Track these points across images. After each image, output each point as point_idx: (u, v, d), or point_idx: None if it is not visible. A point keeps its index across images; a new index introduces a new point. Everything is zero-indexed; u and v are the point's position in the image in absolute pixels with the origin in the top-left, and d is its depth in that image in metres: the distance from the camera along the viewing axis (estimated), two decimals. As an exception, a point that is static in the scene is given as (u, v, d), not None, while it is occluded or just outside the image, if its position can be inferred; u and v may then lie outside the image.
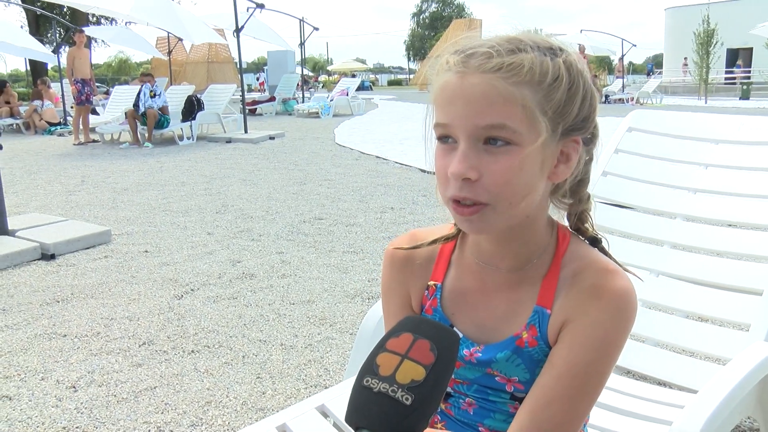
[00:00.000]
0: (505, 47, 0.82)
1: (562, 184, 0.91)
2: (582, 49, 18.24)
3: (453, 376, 0.99)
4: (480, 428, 1.00)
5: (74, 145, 11.20)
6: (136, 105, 10.96)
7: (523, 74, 0.80)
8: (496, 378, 0.96)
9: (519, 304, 0.94)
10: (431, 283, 1.01)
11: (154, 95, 10.90)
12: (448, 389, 1.01)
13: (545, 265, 0.94)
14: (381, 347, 0.72)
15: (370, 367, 0.70)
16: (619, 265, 0.94)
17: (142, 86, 11.18)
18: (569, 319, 0.90)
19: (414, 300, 1.03)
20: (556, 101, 0.82)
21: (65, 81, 14.39)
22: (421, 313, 1.03)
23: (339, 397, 1.57)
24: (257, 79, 28.28)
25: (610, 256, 0.96)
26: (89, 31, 19.89)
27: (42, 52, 14.59)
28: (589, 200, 0.96)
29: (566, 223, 0.98)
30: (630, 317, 0.90)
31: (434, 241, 1.02)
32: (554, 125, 0.83)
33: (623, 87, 23.64)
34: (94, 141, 11.51)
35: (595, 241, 0.97)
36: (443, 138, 0.86)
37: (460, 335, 0.97)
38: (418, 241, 1.04)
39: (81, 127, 11.41)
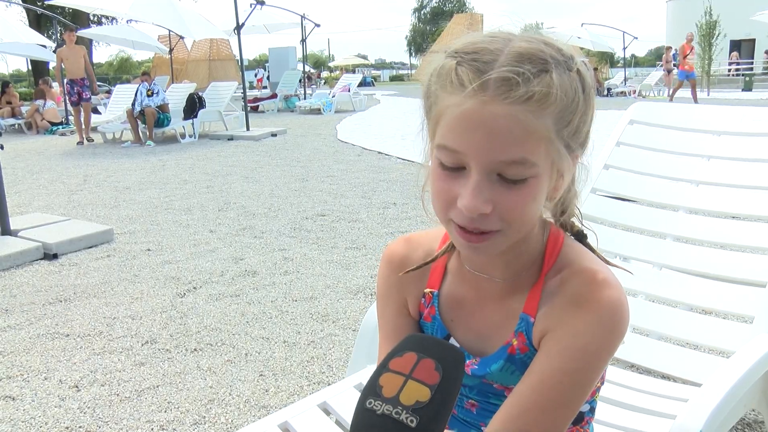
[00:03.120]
0: (528, 68, 0.73)
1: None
2: (690, 38, 17.01)
3: None
4: (483, 427, 1.00)
5: (77, 144, 11.20)
6: (133, 104, 10.96)
7: (549, 103, 0.74)
8: (494, 385, 0.95)
9: (510, 312, 0.92)
10: (428, 290, 0.99)
11: (152, 94, 10.89)
12: None
13: (536, 272, 0.91)
14: (384, 367, 0.69)
15: (372, 389, 0.68)
16: (606, 262, 0.91)
17: (138, 86, 11.18)
18: (549, 327, 0.86)
19: (411, 306, 1.01)
20: (573, 124, 0.78)
21: (64, 80, 14.40)
22: (419, 321, 1.01)
23: (341, 394, 1.57)
24: (255, 75, 28.16)
25: (596, 253, 0.93)
26: (91, 31, 19.89)
27: (45, 45, 14.57)
28: (575, 197, 0.92)
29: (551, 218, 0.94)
30: (615, 330, 0.84)
31: (432, 260, 0.98)
32: (568, 148, 0.79)
33: (625, 79, 23.58)
34: (89, 140, 11.40)
35: (580, 237, 0.94)
36: (449, 165, 0.79)
37: (457, 346, 0.96)
38: (413, 245, 1.01)
39: (83, 126, 11.38)
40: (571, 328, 0.84)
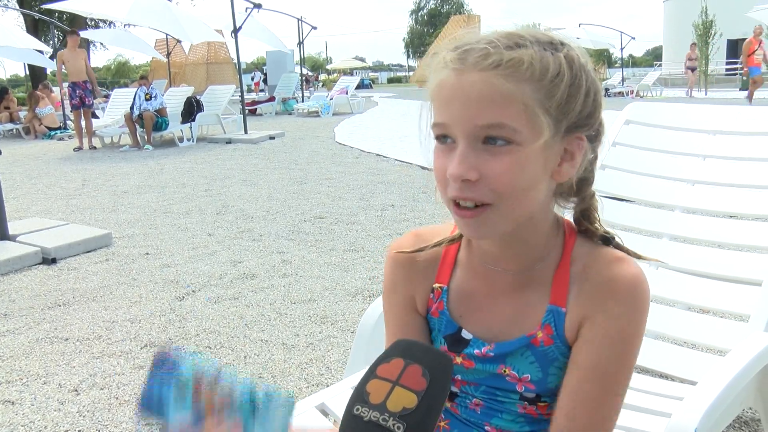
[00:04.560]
0: (503, 43, 0.79)
1: (566, 182, 0.88)
2: (758, 32, 16.27)
3: (461, 378, 0.97)
4: (486, 427, 0.98)
5: (74, 149, 11.13)
6: (132, 108, 10.95)
7: (523, 71, 0.78)
8: (507, 378, 0.94)
9: (530, 306, 0.92)
10: (436, 285, 0.99)
11: (150, 98, 10.89)
12: (455, 389, 0.99)
13: (554, 264, 0.92)
14: (371, 373, 0.70)
15: (360, 395, 0.69)
16: (635, 255, 0.93)
17: (137, 89, 11.17)
18: (587, 316, 0.88)
19: (419, 302, 1.01)
20: (558, 98, 0.80)
21: (65, 83, 14.36)
22: (426, 316, 1.01)
23: (339, 395, 1.57)
24: (252, 78, 28.09)
25: (626, 250, 0.94)
26: (88, 34, 19.88)
27: (42, 50, 14.55)
28: (593, 198, 0.94)
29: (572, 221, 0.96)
30: (645, 304, 0.88)
31: (438, 243, 0.99)
32: (557, 123, 0.81)
33: (623, 80, 23.60)
34: (92, 147, 11.26)
35: (606, 240, 0.95)
36: (441, 137, 0.84)
37: (470, 336, 0.95)
38: (421, 240, 1.01)
39: (84, 131, 11.29)
40: (609, 314, 0.87)
